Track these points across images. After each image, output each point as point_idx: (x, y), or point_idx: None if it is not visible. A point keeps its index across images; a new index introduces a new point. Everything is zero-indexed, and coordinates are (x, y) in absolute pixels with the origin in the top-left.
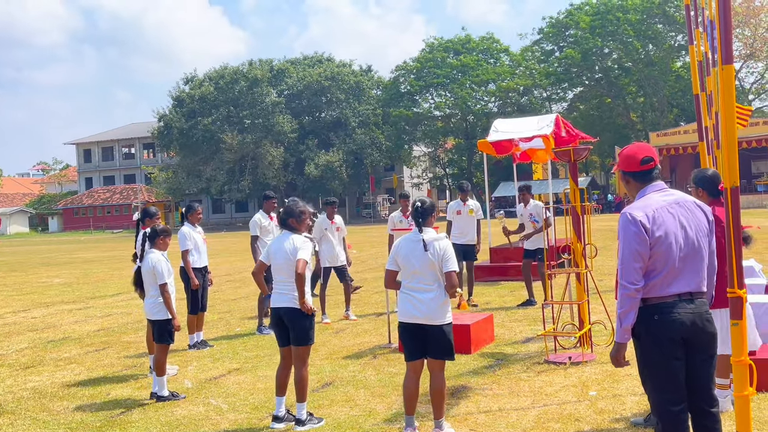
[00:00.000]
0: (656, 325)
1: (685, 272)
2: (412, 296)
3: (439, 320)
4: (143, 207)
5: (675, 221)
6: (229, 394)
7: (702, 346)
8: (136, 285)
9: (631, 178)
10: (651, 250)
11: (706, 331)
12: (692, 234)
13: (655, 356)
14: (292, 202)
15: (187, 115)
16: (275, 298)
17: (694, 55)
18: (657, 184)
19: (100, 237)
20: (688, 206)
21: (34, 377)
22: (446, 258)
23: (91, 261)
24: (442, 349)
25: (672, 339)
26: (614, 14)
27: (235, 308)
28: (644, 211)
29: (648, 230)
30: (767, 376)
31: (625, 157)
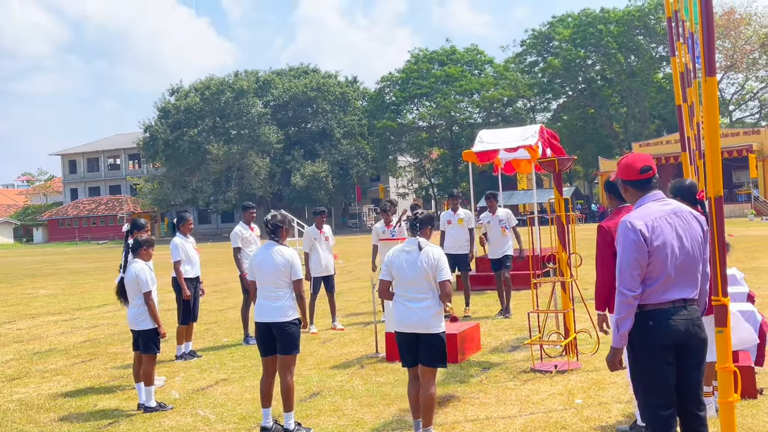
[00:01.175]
0: (650, 332)
1: (680, 280)
2: (406, 305)
3: (434, 329)
4: (132, 218)
5: (672, 231)
6: (217, 405)
7: (693, 351)
8: (120, 295)
9: (630, 186)
10: (649, 259)
11: (697, 337)
12: (688, 244)
13: (648, 361)
14: (279, 215)
15: (172, 126)
16: (261, 310)
17: (675, 67)
18: (655, 193)
19: (86, 248)
20: (684, 216)
21: (20, 389)
22: (440, 267)
23: (76, 272)
24: (434, 356)
25: (665, 345)
26: (596, 26)
27: (222, 319)
28: (644, 220)
29: (647, 239)
30: (750, 383)
31: (625, 166)
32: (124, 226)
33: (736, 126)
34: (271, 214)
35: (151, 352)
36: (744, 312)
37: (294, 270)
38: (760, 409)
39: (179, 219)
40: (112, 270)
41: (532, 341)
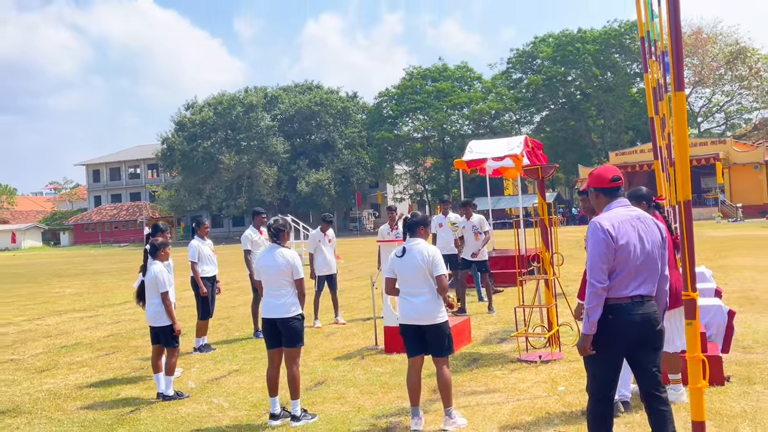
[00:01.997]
0: (610, 324)
1: (640, 278)
2: (409, 300)
3: (435, 319)
4: (153, 222)
5: (635, 233)
6: (230, 393)
7: (650, 341)
8: (139, 298)
9: (600, 193)
10: (615, 256)
11: (654, 328)
12: (648, 246)
13: (605, 349)
14: (281, 219)
15: (188, 138)
16: (268, 307)
17: (648, 82)
18: (622, 200)
19: (108, 250)
20: (646, 222)
21: (49, 380)
22: (435, 264)
23: (100, 272)
24: (441, 346)
25: (622, 336)
26: (574, 45)
27: (234, 315)
28: (611, 222)
29: (614, 238)
30: (718, 371)
31: (597, 176)
32: (145, 230)
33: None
34: (273, 219)
35: (171, 346)
36: (712, 306)
37: (295, 270)
38: (727, 395)
39: (197, 223)
40: (133, 270)
41: (519, 334)
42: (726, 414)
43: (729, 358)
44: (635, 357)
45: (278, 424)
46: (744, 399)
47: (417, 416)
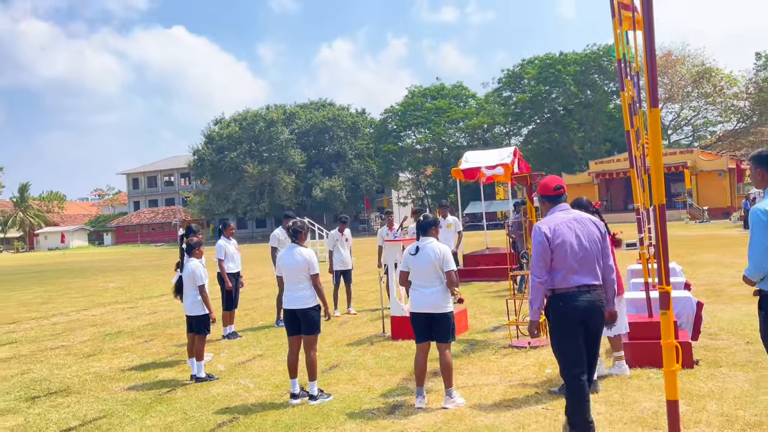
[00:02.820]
0: (560, 309)
1: (582, 270)
2: (421, 291)
3: (443, 309)
4: (187, 224)
5: (571, 232)
6: (255, 375)
7: (594, 323)
8: (176, 292)
9: (545, 200)
10: (552, 254)
11: (599, 313)
12: (585, 242)
13: (560, 332)
14: (299, 221)
15: (216, 150)
16: (289, 299)
17: (624, 99)
18: (562, 206)
19: (146, 249)
20: (583, 222)
21: (95, 363)
22: (446, 260)
23: (139, 269)
24: (446, 332)
25: (572, 319)
26: (555, 67)
27: (258, 306)
28: (548, 225)
29: (549, 239)
30: (688, 356)
31: (543, 185)
32: (179, 231)
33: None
34: (293, 221)
35: (202, 333)
36: (682, 298)
37: (311, 266)
38: (696, 377)
39: (223, 225)
40: (169, 267)
41: (510, 322)
42: (695, 393)
43: (697, 344)
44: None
45: (297, 403)
46: (711, 380)
47: (421, 395)
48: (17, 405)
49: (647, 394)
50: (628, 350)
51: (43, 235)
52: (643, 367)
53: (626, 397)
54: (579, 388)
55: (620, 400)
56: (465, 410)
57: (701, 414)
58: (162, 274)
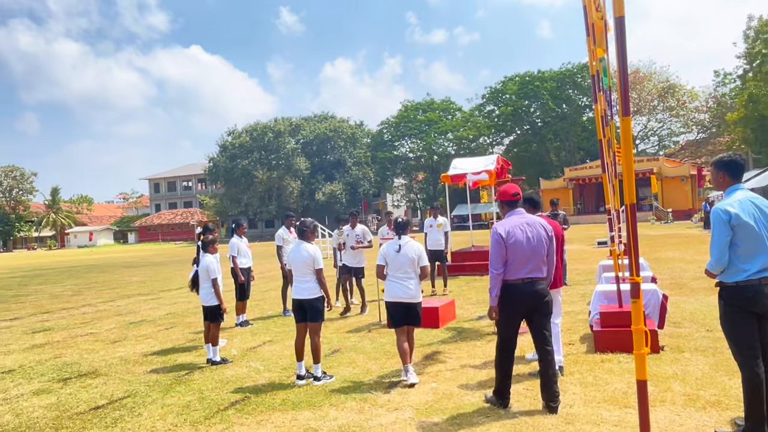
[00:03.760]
0: (509, 297)
1: (529, 265)
2: (399, 283)
3: (418, 299)
4: (204, 224)
5: (522, 234)
6: (265, 359)
7: (540, 309)
8: (193, 285)
9: (505, 205)
10: (506, 251)
11: (543, 301)
12: (534, 242)
13: (506, 315)
14: (307, 221)
15: (229, 158)
16: (296, 290)
17: (597, 111)
18: (518, 210)
19: (166, 247)
20: (534, 224)
21: (120, 349)
22: (422, 256)
23: (160, 264)
24: (419, 318)
25: (517, 305)
26: (534, 83)
27: (267, 297)
28: (504, 227)
29: (504, 239)
30: (654, 342)
31: (502, 192)
32: (197, 229)
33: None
34: (301, 221)
35: (217, 321)
36: (649, 290)
37: (316, 261)
38: (662, 361)
39: (236, 225)
40: (187, 262)
41: None
42: (661, 376)
43: (663, 332)
44: (532, 322)
45: (303, 383)
46: (675, 364)
47: (408, 372)
48: (51, 386)
49: (618, 376)
50: (601, 337)
51: (73, 234)
52: (614, 353)
53: (599, 379)
54: (507, 355)
55: (593, 382)
56: (454, 389)
57: (666, 394)
58: (180, 269)
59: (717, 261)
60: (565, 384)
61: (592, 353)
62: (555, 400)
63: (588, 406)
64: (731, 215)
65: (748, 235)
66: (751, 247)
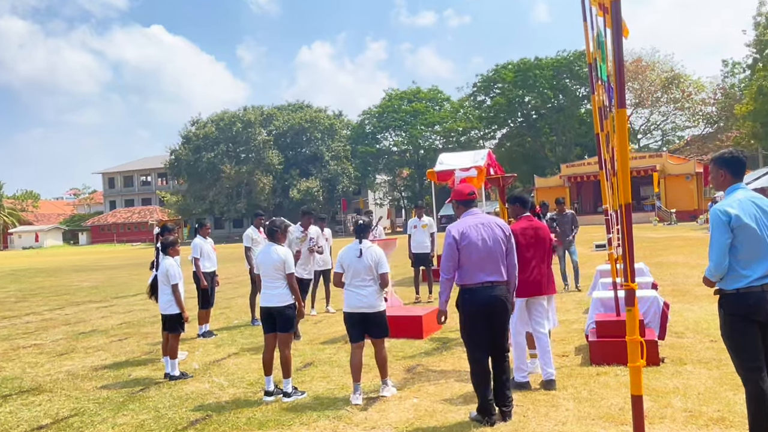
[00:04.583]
0: (466, 302)
1: (485, 268)
2: (356, 292)
3: (378, 308)
4: (163, 224)
5: (478, 235)
6: (230, 374)
7: (499, 315)
8: (152, 292)
9: (460, 204)
10: (459, 254)
11: (502, 306)
12: (490, 243)
13: (466, 322)
14: (277, 221)
15: (193, 150)
16: (265, 297)
17: (595, 103)
18: (473, 210)
19: (122, 248)
20: (490, 225)
21: (68, 362)
22: (380, 263)
23: (114, 268)
24: (381, 330)
25: (475, 310)
26: (532, 71)
27: (233, 305)
28: (457, 228)
29: (457, 241)
30: (654, 353)
31: (458, 191)
32: (155, 230)
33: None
34: (270, 220)
35: (176, 332)
36: (649, 297)
37: (287, 265)
38: (661, 374)
39: (199, 225)
40: (144, 266)
41: None
42: (661, 390)
43: (663, 342)
44: (491, 327)
45: (272, 400)
46: (676, 377)
47: (358, 392)
48: None
49: (614, 391)
50: (597, 348)
51: (17, 234)
52: (610, 365)
53: (594, 394)
54: (482, 370)
55: (588, 397)
56: (437, 406)
57: (666, 410)
58: (138, 273)
59: (716, 266)
60: (557, 399)
61: (587, 365)
62: (508, 405)
63: (581, 423)
64: (731, 216)
65: (750, 239)
66: (752, 251)
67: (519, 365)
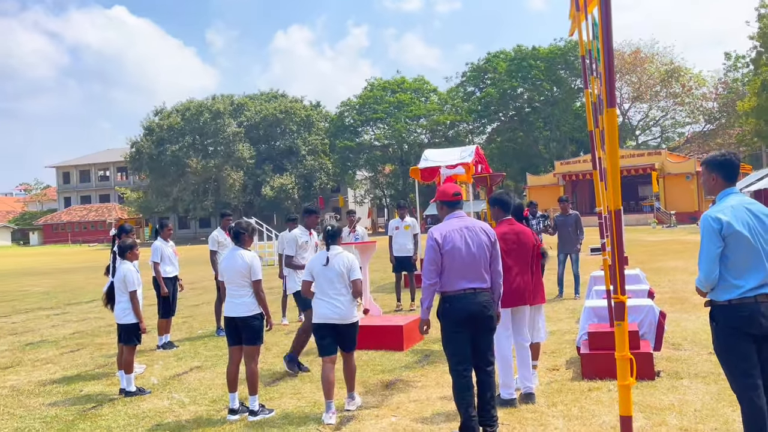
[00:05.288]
0: (447, 310)
1: (468, 274)
2: (327, 301)
3: (350, 319)
4: (119, 223)
5: (462, 239)
6: (191, 389)
7: (483, 325)
8: (108, 300)
9: (444, 205)
10: (442, 258)
11: (485, 315)
12: (474, 249)
13: (447, 331)
14: (243, 222)
15: (156, 142)
16: (229, 306)
17: (588, 98)
18: (458, 212)
19: (78, 250)
20: (474, 229)
21: (13, 377)
22: (352, 269)
23: (68, 271)
24: (353, 342)
25: (458, 320)
26: (527, 61)
27: (197, 313)
28: (440, 231)
29: (440, 245)
30: (649, 366)
31: (442, 191)
32: (111, 230)
33: (642, 148)
34: (236, 222)
35: (131, 344)
36: (644, 306)
37: (253, 271)
38: (657, 389)
39: (160, 225)
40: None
41: None
42: (655, 407)
43: (659, 354)
44: (474, 338)
45: (236, 419)
46: (672, 393)
47: (331, 410)
48: None
49: (607, 408)
50: (589, 361)
51: None
52: (603, 379)
53: (585, 411)
54: (464, 384)
55: (578, 414)
56: (417, 425)
57: (660, 428)
58: (94, 278)
59: (706, 276)
60: (546, 417)
61: (579, 380)
62: (492, 424)
63: None
64: (722, 223)
65: (742, 247)
66: (744, 260)
67: (505, 381)
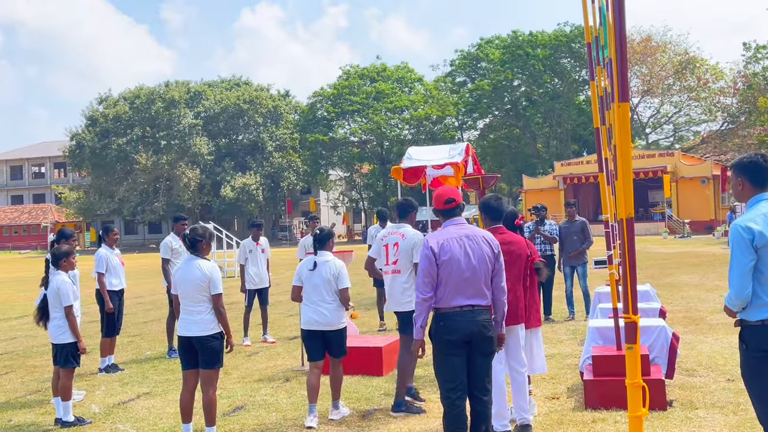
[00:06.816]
0: (441, 329)
1: (466, 290)
2: (313, 308)
3: (338, 326)
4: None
5: (461, 249)
6: (138, 419)
7: (481, 347)
8: (41, 316)
9: (439, 213)
10: (438, 270)
11: (484, 335)
12: (474, 261)
13: (439, 353)
14: (200, 228)
15: (100, 134)
16: (184, 324)
17: (594, 90)
18: (456, 219)
19: (6, 257)
20: (476, 239)
21: None
22: (340, 277)
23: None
24: (341, 348)
25: (451, 341)
26: (524, 49)
27: (146, 331)
28: (437, 240)
29: (436, 255)
30: (660, 395)
31: (436, 197)
32: (49, 236)
33: (652, 148)
34: (192, 228)
35: (69, 366)
36: (656, 327)
37: (213, 284)
38: (669, 421)
39: (105, 230)
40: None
41: None
42: None
43: (672, 382)
44: (470, 361)
45: None
46: (686, 425)
47: (313, 413)
48: None
49: None
50: (593, 388)
51: None
52: (609, 409)
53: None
54: (457, 415)
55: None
56: None
57: None
58: (24, 290)
59: (737, 293)
60: None
61: (582, 410)
62: None
63: None
64: (754, 234)
65: None
66: None
67: (499, 411)
